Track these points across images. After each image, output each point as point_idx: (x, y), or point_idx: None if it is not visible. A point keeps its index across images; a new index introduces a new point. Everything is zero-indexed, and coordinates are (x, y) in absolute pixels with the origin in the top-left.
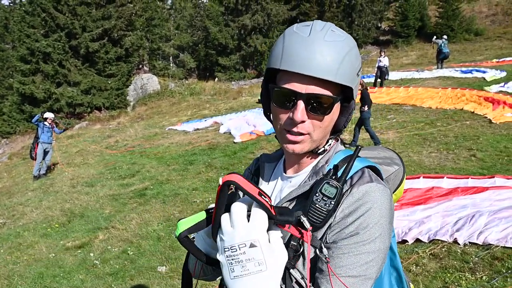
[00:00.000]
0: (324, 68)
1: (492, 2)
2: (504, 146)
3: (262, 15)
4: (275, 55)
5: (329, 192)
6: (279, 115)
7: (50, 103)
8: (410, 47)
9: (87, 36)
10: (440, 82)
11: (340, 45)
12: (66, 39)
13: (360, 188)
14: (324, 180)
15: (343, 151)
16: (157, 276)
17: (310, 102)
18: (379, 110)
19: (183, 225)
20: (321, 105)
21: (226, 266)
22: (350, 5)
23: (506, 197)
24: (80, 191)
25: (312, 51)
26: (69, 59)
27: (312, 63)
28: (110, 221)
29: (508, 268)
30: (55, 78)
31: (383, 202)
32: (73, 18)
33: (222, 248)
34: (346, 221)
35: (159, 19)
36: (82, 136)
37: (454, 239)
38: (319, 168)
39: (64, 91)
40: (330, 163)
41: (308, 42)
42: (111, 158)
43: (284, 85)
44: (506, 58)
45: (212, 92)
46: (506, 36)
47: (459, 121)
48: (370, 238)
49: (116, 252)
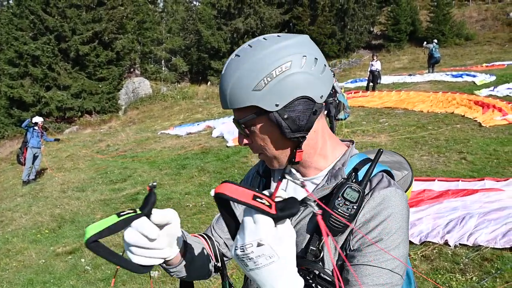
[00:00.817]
0: (228, 101)
1: (482, 7)
2: (494, 149)
3: (255, 19)
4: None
5: (351, 197)
6: None
7: (39, 107)
8: (402, 51)
9: (77, 39)
10: (431, 86)
11: (229, 73)
12: (56, 42)
13: (381, 192)
14: (347, 185)
15: (358, 155)
16: (150, 281)
17: (239, 127)
18: (372, 114)
19: (92, 230)
20: (242, 128)
21: (239, 263)
22: (343, 9)
23: (495, 199)
24: (70, 196)
25: (221, 89)
26: (58, 62)
27: (222, 99)
28: None
29: (497, 268)
30: (44, 81)
31: (403, 208)
32: (63, 20)
33: (233, 248)
34: (368, 226)
35: (151, 22)
36: (73, 140)
37: (445, 240)
38: (337, 170)
39: (54, 95)
40: (348, 166)
41: (221, 81)
42: (102, 162)
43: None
44: (495, 63)
45: (204, 96)
46: (496, 41)
47: (450, 124)
48: (393, 244)
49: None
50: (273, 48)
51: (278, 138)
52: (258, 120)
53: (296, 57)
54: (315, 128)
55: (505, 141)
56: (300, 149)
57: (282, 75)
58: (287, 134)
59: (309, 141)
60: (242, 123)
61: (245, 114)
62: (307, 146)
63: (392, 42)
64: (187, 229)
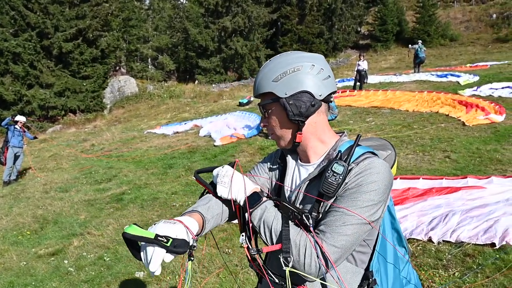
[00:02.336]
0: (255, 89)
1: (466, 8)
2: (477, 148)
3: (243, 18)
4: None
5: (337, 170)
6: None
7: (20, 105)
8: (388, 51)
9: (60, 36)
10: (417, 86)
11: (261, 70)
12: (38, 38)
13: (365, 161)
14: (334, 161)
15: (347, 141)
16: (135, 282)
17: (261, 110)
18: (359, 113)
19: (134, 231)
20: (261, 111)
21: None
22: (331, 9)
23: (477, 197)
24: (53, 196)
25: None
26: (41, 59)
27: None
28: (85, 227)
29: (479, 264)
30: (26, 79)
31: (382, 168)
32: (45, 17)
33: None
34: (351, 180)
35: (137, 20)
36: (56, 140)
37: (428, 237)
38: (330, 154)
39: (36, 93)
40: (337, 150)
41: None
42: (87, 162)
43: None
44: (479, 63)
45: (192, 94)
46: (479, 42)
47: (435, 123)
48: (368, 190)
49: (92, 259)
50: (293, 56)
51: (284, 120)
52: (272, 104)
53: (307, 64)
54: (315, 119)
55: (487, 139)
56: (300, 132)
57: (293, 73)
58: (290, 116)
59: (310, 129)
60: (262, 106)
61: (264, 99)
62: (308, 133)
63: (379, 42)
64: None
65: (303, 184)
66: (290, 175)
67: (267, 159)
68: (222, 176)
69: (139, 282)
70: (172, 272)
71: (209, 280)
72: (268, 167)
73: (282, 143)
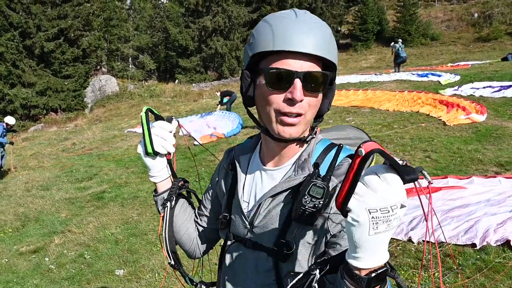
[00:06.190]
0: (318, 46)
1: (448, 7)
2: (457, 148)
3: (223, 17)
4: (264, 38)
5: (316, 193)
6: (273, 98)
7: (3, 104)
8: (369, 50)
9: (42, 36)
10: (397, 85)
11: (325, 27)
12: (20, 38)
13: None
14: (311, 182)
15: (322, 142)
16: (115, 280)
17: (307, 80)
18: (338, 113)
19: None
20: (316, 83)
21: (366, 225)
22: (311, 8)
23: (457, 197)
24: (35, 194)
25: (305, 31)
26: (23, 59)
27: (307, 41)
28: (66, 225)
29: (459, 264)
30: (8, 78)
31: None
32: (27, 17)
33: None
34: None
35: (118, 20)
36: (37, 138)
37: (408, 237)
38: (303, 162)
39: (18, 92)
40: (313, 155)
41: (300, 23)
42: (68, 161)
43: (278, 66)
44: (460, 63)
45: (172, 94)
46: (460, 41)
47: (415, 123)
48: None
49: (73, 256)
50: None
51: (318, 107)
52: (327, 81)
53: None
54: None
55: (468, 139)
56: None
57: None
58: (329, 107)
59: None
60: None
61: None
62: None
63: (359, 42)
64: (153, 228)
65: (264, 200)
66: (242, 181)
67: (215, 173)
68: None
69: (119, 279)
70: (152, 270)
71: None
72: (216, 181)
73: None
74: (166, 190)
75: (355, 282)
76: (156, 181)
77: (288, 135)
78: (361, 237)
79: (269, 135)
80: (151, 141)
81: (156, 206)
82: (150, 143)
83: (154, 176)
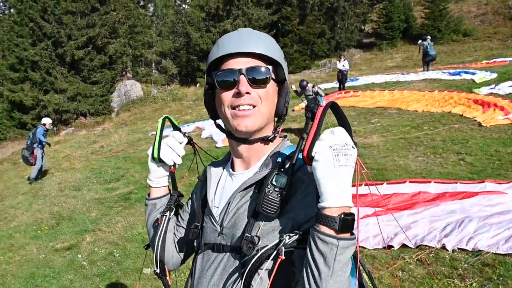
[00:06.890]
0: (257, 46)
1: (482, 1)
2: (495, 150)
3: (244, 20)
4: (212, 53)
5: (280, 183)
6: (224, 96)
7: (38, 110)
8: (395, 49)
9: (73, 44)
10: (427, 85)
11: (266, 36)
12: (53, 47)
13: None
14: (274, 173)
15: (290, 147)
16: (143, 278)
17: (250, 74)
18: (363, 114)
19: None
20: (259, 74)
21: (330, 158)
22: (333, 8)
23: (496, 203)
24: (67, 194)
25: (246, 36)
26: (55, 67)
27: (247, 43)
28: (96, 223)
29: (500, 275)
30: (42, 85)
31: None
32: (59, 27)
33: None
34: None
35: (142, 26)
36: (69, 141)
37: (442, 245)
38: (268, 160)
39: (51, 98)
40: (279, 157)
41: (240, 33)
42: (97, 163)
43: (224, 67)
44: (496, 59)
45: (194, 97)
46: (496, 36)
47: (447, 124)
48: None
49: (103, 254)
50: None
51: (273, 102)
52: (273, 82)
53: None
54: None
55: (507, 141)
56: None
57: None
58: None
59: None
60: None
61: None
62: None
63: (384, 40)
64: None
65: (233, 199)
66: (213, 189)
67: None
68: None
69: (147, 278)
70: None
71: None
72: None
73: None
74: (159, 197)
75: (327, 226)
76: (152, 185)
77: (244, 128)
78: (325, 170)
79: (232, 137)
80: (159, 148)
81: (145, 208)
82: (158, 149)
83: (152, 180)
